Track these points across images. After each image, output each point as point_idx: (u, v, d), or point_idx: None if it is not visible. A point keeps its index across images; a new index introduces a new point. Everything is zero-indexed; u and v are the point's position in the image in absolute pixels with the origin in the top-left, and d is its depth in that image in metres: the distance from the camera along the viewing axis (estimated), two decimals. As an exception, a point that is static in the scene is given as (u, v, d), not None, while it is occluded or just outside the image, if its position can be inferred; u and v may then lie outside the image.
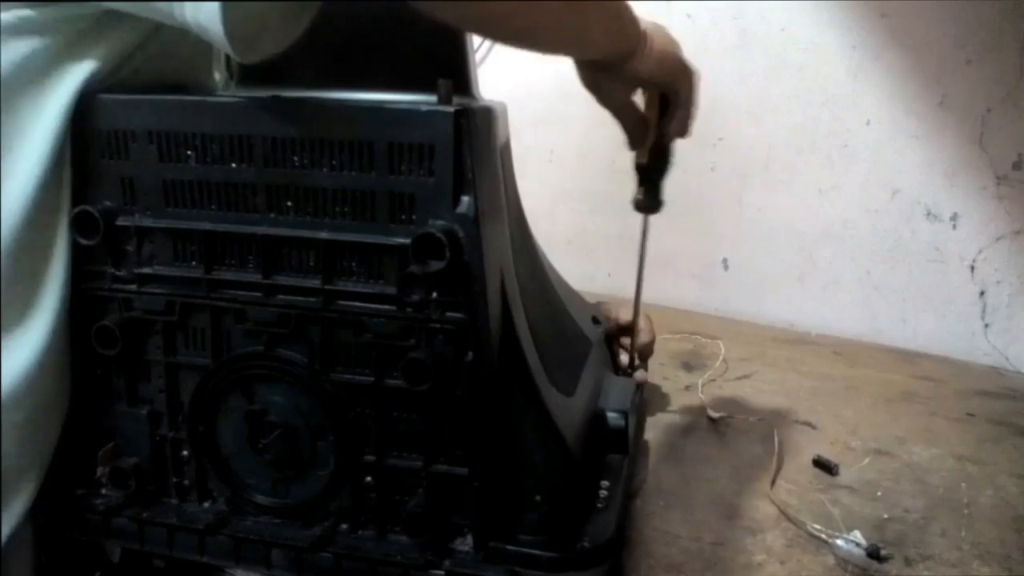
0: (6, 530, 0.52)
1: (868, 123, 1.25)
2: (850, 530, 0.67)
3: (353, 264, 0.51)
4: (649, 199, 0.73)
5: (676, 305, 1.38)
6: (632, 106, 0.68)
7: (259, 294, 0.52)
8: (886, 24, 1.21)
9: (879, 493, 0.76)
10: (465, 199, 0.48)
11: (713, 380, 1.04)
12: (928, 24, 1.18)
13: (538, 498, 0.53)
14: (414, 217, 0.49)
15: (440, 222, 0.48)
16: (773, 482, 0.77)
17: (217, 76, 0.65)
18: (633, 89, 0.67)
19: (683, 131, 0.68)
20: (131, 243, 0.54)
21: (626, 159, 0.73)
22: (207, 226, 0.52)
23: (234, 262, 0.52)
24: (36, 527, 0.56)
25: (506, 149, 0.60)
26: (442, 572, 0.53)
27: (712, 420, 0.91)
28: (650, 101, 0.70)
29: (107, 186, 0.53)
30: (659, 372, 1.06)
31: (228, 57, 0.63)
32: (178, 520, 0.56)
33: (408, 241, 0.48)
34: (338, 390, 0.53)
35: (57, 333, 0.53)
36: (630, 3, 0.59)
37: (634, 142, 0.70)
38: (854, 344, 1.24)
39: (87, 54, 0.51)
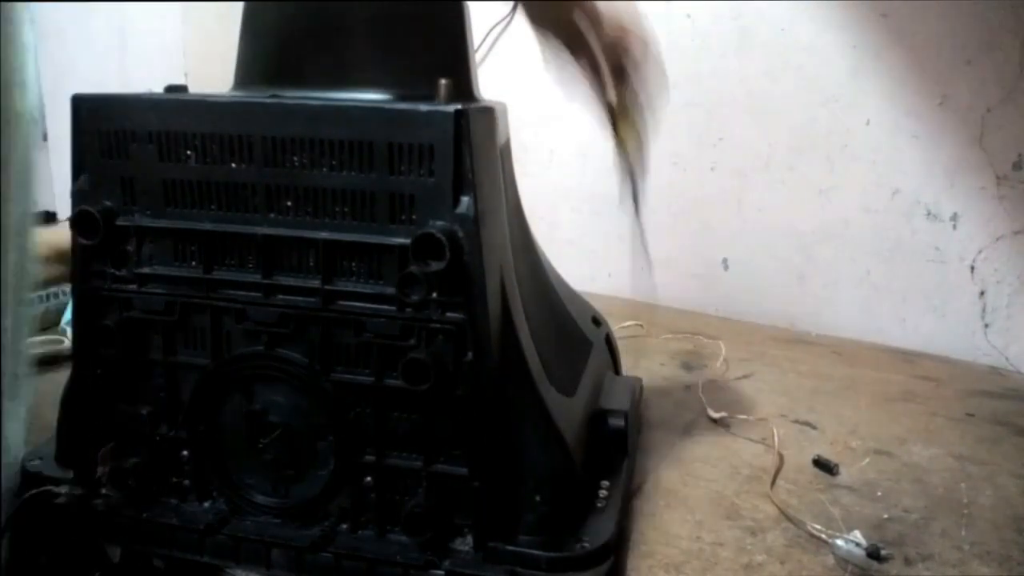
0: None
1: (868, 123, 1.25)
2: (850, 530, 0.67)
3: (353, 264, 0.51)
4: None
5: (676, 305, 1.38)
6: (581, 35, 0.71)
7: (259, 294, 0.52)
8: (886, 24, 1.21)
9: (879, 493, 0.76)
10: (465, 199, 0.48)
11: (713, 380, 1.04)
12: (928, 24, 1.17)
13: (538, 498, 0.53)
14: (414, 217, 0.49)
15: (440, 222, 0.48)
16: (773, 482, 0.77)
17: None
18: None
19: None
20: (131, 243, 0.54)
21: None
22: (207, 226, 0.52)
23: (234, 262, 0.53)
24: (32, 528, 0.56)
25: (506, 149, 0.60)
26: (442, 572, 0.53)
27: (712, 420, 0.91)
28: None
29: (107, 186, 0.53)
30: (659, 372, 1.06)
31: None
32: (178, 520, 0.56)
33: (408, 241, 0.48)
34: (338, 390, 0.53)
35: None
36: (632, 1, 0.59)
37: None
38: (854, 344, 1.24)
39: None
